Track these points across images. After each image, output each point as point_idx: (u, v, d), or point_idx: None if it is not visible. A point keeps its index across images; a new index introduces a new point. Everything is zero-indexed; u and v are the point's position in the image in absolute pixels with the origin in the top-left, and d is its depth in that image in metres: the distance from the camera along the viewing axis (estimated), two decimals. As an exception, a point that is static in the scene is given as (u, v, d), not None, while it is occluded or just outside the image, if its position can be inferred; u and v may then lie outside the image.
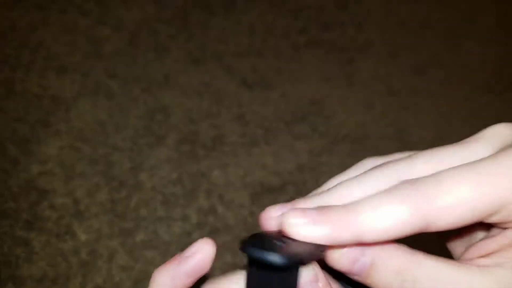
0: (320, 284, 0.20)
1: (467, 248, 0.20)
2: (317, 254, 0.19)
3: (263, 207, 0.86)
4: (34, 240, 0.64)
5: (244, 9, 0.98)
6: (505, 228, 0.19)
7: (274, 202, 0.85)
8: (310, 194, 0.24)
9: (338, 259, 0.19)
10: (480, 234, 0.21)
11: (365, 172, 0.21)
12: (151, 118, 0.79)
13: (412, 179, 0.18)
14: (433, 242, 0.27)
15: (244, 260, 0.33)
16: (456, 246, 0.22)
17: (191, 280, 0.25)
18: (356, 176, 0.21)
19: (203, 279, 0.27)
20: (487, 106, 0.94)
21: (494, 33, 1.06)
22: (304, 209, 0.19)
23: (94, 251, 0.65)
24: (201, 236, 0.71)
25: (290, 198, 0.77)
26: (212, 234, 0.70)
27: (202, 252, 0.24)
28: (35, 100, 0.80)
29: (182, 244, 0.68)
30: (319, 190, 0.23)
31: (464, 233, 0.21)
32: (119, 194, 0.70)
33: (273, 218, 0.25)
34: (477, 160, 0.19)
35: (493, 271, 0.18)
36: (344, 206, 0.18)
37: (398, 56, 0.98)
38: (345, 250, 0.19)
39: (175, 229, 0.69)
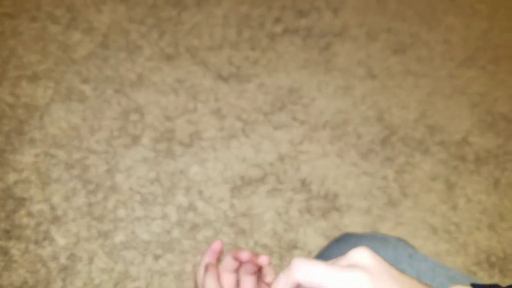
0: None
1: None
2: None
3: (244, 199, 0.88)
4: (13, 248, 0.67)
5: (217, 1, 1.00)
6: None
7: (255, 194, 0.87)
8: None
9: None
10: None
11: None
12: (125, 118, 0.81)
13: None
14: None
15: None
16: None
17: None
18: None
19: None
20: (471, 82, 0.95)
21: (476, 7, 1.07)
22: None
23: (73, 255, 0.67)
24: (182, 234, 0.73)
25: (271, 189, 0.79)
26: (192, 230, 0.72)
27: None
28: (8, 109, 0.82)
29: (162, 242, 0.70)
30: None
31: None
32: (96, 197, 0.73)
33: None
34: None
35: None
36: None
37: (377, 37, 0.99)
38: None
39: (154, 228, 0.71)
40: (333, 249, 0.56)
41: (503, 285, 0.38)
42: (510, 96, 0.93)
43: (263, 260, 0.50)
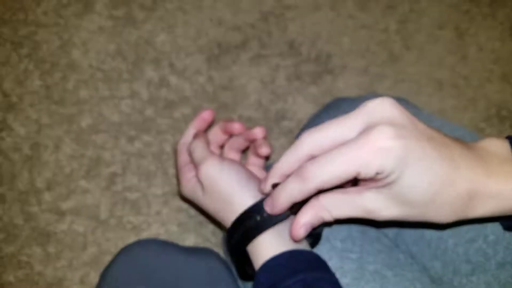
0: None
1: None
2: None
3: (223, 70, 0.78)
4: (-31, 142, 0.62)
5: None
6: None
7: (235, 63, 0.78)
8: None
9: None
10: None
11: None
12: (73, -18, 0.70)
13: (307, 164, 0.33)
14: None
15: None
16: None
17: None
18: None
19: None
20: None
21: None
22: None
23: (37, 144, 0.63)
24: (156, 112, 0.67)
25: (254, 55, 0.70)
26: (167, 108, 0.66)
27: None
28: None
29: (135, 123, 0.65)
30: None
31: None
32: (53, 78, 0.66)
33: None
34: (344, 145, 0.32)
35: (363, 195, 0.34)
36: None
37: None
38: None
39: (123, 108, 0.65)
40: (324, 118, 0.50)
41: None
42: None
43: (257, 132, 0.45)
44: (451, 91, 0.74)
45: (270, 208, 0.36)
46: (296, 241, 0.36)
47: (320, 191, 0.34)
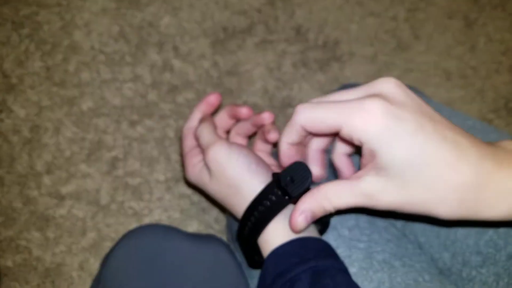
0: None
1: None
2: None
3: (228, 55, 0.77)
4: (-33, 123, 0.61)
5: None
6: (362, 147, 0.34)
7: (241, 48, 0.77)
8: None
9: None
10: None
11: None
12: (76, -39, 0.68)
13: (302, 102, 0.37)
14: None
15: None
16: None
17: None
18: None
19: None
20: None
21: None
22: None
23: (37, 127, 0.62)
24: (159, 97, 0.66)
25: (260, 41, 0.69)
26: (171, 93, 0.65)
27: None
28: None
29: (137, 107, 0.64)
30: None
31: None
32: (54, 59, 0.65)
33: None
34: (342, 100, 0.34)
35: (362, 179, 0.33)
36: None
37: None
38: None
39: (126, 91, 0.64)
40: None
41: None
42: None
43: (266, 117, 0.44)
44: (459, 81, 0.74)
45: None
46: (295, 231, 0.36)
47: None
